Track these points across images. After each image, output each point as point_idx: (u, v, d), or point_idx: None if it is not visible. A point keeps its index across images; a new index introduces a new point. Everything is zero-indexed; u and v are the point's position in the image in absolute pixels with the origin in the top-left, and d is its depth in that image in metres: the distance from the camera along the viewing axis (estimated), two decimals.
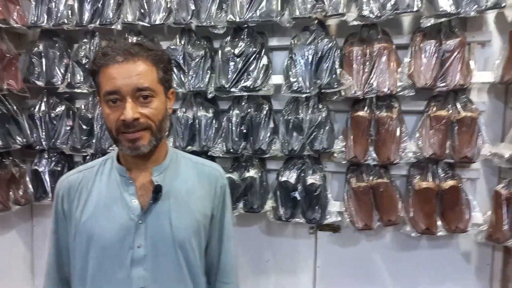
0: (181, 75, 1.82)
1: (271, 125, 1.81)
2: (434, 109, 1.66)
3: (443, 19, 1.52)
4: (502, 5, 1.48)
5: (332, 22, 1.86)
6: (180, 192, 1.02)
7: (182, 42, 1.84)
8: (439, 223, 1.74)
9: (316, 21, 1.74)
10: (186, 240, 0.99)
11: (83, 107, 2.04)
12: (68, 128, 2.05)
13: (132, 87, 0.91)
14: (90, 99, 2.05)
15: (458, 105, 1.63)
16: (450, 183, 1.67)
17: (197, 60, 1.79)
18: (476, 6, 1.48)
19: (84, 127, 2.00)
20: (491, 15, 1.69)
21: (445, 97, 1.67)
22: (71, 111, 2.07)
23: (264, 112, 1.80)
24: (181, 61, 1.82)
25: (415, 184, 1.71)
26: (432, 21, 1.51)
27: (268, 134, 1.80)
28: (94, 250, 0.97)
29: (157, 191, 0.98)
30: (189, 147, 1.86)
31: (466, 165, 1.76)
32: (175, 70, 1.81)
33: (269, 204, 1.90)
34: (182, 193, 1.02)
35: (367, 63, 1.65)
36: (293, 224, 2.02)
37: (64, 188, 1.03)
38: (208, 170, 1.10)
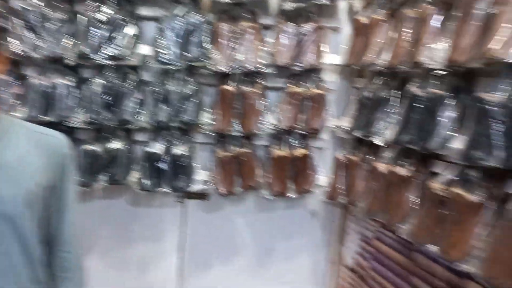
0: (36, 39, 1.61)
1: (138, 95, 1.76)
2: (290, 86, 1.84)
3: (300, 4, 1.68)
4: None
5: None
6: (10, 162, 0.95)
7: (39, 2, 1.61)
8: (290, 186, 1.98)
9: None
10: (14, 211, 0.94)
11: None
12: None
13: None
14: None
15: (311, 83, 1.85)
16: (301, 151, 1.90)
17: (55, 23, 1.61)
18: None
19: None
20: (342, 4, 1.91)
21: (301, 75, 1.87)
22: None
23: (131, 82, 1.73)
24: (36, 23, 1.61)
25: (271, 152, 1.91)
26: (291, 5, 1.65)
27: (135, 105, 1.75)
28: None
29: None
30: (45, 117, 1.68)
31: (315, 136, 2.02)
32: (26, 32, 1.60)
33: (134, 176, 1.88)
34: (13, 163, 0.96)
35: (235, 40, 1.72)
36: (160, 195, 2.02)
37: None
38: (49, 139, 1.04)
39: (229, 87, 1.78)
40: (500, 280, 1.15)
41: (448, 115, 1.30)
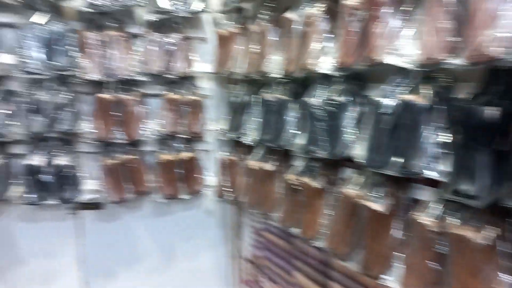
0: None
1: (8, 107, 1.73)
2: (167, 93, 1.94)
3: (162, 16, 1.78)
4: (202, 10, 1.86)
5: (68, 6, 1.85)
6: None
7: None
8: (181, 188, 2.08)
9: (45, 3, 1.73)
10: None
11: None
12: None
13: None
14: None
15: (186, 90, 1.96)
16: (186, 154, 2.01)
17: None
18: (185, 8, 1.80)
19: None
20: (207, 17, 2.05)
21: (176, 83, 1.97)
22: None
23: None
24: None
25: (157, 157, 1.99)
26: (154, 16, 1.75)
27: (3, 117, 1.71)
28: None
29: None
30: None
31: (200, 139, 2.14)
32: None
33: (16, 190, 1.84)
34: None
35: (103, 48, 1.77)
36: (49, 208, 2.00)
37: None
38: None
39: (106, 95, 1.83)
40: (338, 250, 1.35)
41: (291, 116, 1.49)
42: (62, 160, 1.86)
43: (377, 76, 1.20)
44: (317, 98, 1.29)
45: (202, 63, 2.00)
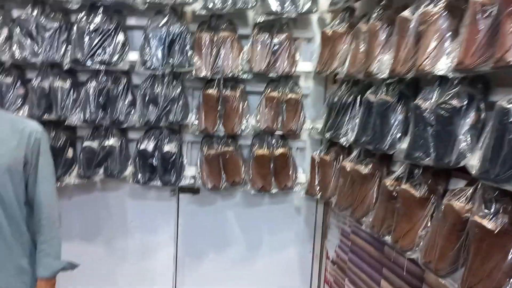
0: (34, 46, 1.84)
1: (129, 97, 1.97)
2: (269, 90, 2.01)
3: (271, 17, 1.85)
4: (314, 10, 1.88)
5: (188, 10, 2.06)
6: None
7: (35, 13, 1.85)
8: (273, 182, 2.14)
9: (168, 7, 1.91)
10: None
11: None
12: None
13: None
14: None
15: (287, 88, 2.01)
16: (280, 151, 2.06)
17: (51, 32, 1.84)
18: (295, 9, 1.83)
19: None
20: (314, 17, 2.07)
21: (278, 81, 2.03)
22: None
23: (122, 85, 1.94)
24: (34, 32, 1.83)
25: (253, 151, 2.07)
26: (263, 17, 1.82)
27: (126, 106, 1.95)
28: None
29: None
30: (45, 116, 1.91)
31: (295, 137, 2.18)
32: (28, 40, 1.84)
33: (129, 170, 2.08)
34: None
35: (214, 48, 1.90)
36: (156, 188, 2.23)
37: None
38: (22, 126, 1.35)
39: (212, 91, 1.96)
40: (433, 264, 1.28)
41: (396, 119, 1.43)
42: (169, 147, 2.05)
43: (504, 80, 1.09)
44: (428, 100, 1.22)
45: (304, 62, 2.03)
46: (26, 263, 1.37)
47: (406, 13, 1.31)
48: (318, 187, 2.05)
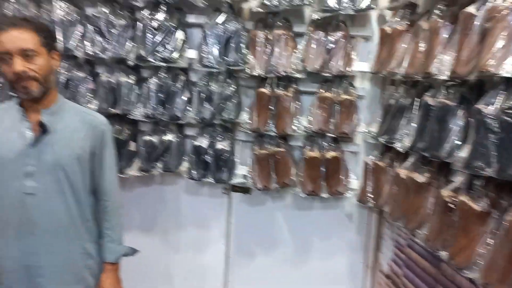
0: (104, 42, 1.99)
1: (187, 94, 2.05)
2: (322, 90, 1.96)
3: (328, 14, 1.80)
4: (372, 7, 1.79)
5: (245, 7, 2.07)
6: (64, 131, 1.38)
7: (105, 11, 1.99)
8: (323, 186, 2.08)
9: (226, 4, 1.95)
10: (66, 164, 1.36)
11: None
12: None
13: (18, 48, 1.25)
14: None
15: (341, 89, 1.94)
16: (332, 154, 2.00)
17: (119, 29, 1.96)
18: (353, 5, 1.76)
19: None
20: (374, 14, 1.98)
21: (332, 81, 1.97)
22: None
23: (181, 82, 2.02)
24: (104, 29, 1.98)
25: (304, 153, 2.03)
26: (320, 14, 1.78)
27: (183, 103, 2.03)
28: None
29: (41, 126, 1.34)
30: (111, 110, 2.06)
31: (349, 140, 2.10)
32: (97, 36, 2.00)
33: (185, 166, 2.16)
34: (66, 132, 1.38)
35: (269, 46, 1.90)
36: (209, 185, 2.29)
37: None
38: (90, 118, 1.46)
39: (265, 90, 1.97)
40: (494, 287, 1.15)
41: (456, 124, 1.31)
42: (222, 144, 2.10)
43: None
44: (491, 105, 1.10)
45: (361, 62, 1.95)
46: (91, 247, 1.48)
47: (471, 8, 1.19)
48: (371, 194, 1.95)
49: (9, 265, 1.36)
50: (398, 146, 1.63)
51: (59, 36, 1.97)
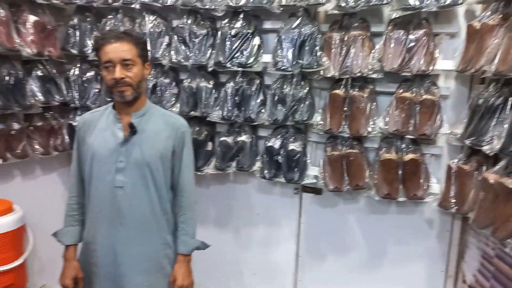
0: (187, 50, 2.13)
1: (261, 97, 2.11)
2: (401, 91, 1.88)
3: (409, 12, 1.72)
4: (459, 2, 1.67)
5: (321, 10, 2.07)
6: (150, 132, 1.53)
7: (189, 22, 2.14)
8: (400, 190, 2.00)
9: (302, 9, 1.97)
10: (151, 161, 1.51)
11: None
12: (97, 90, 2.41)
13: (120, 58, 1.43)
14: None
15: (422, 89, 1.84)
16: (410, 156, 1.91)
17: (200, 38, 2.10)
18: (437, 2, 1.66)
19: None
20: (461, 10, 1.85)
21: (412, 80, 1.88)
22: (99, 76, 2.43)
23: (255, 86, 2.09)
24: (187, 38, 2.13)
25: (380, 155, 1.97)
26: (400, 13, 1.71)
27: (257, 105, 2.10)
28: (95, 161, 1.52)
29: (131, 127, 1.50)
30: (192, 112, 2.20)
31: (430, 142, 1.98)
32: (181, 45, 2.15)
33: (257, 165, 2.23)
34: (152, 133, 1.53)
35: (344, 47, 1.88)
36: (280, 184, 2.33)
37: (82, 122, 1.60)
38: (173, 120, 1.60)
39: (339, 91, 1.94)
40: None
41: None
42: (294, 145, 2.12)
43: None
44: None
45: (445, 60, 1.84)
46: (170, 239, 1.62)
47: None
48: (454, 200, 1.83)
49: (101, 250, 1.55)
50: (486, 149, 1.52)
51: (148, 46, 2.16)
